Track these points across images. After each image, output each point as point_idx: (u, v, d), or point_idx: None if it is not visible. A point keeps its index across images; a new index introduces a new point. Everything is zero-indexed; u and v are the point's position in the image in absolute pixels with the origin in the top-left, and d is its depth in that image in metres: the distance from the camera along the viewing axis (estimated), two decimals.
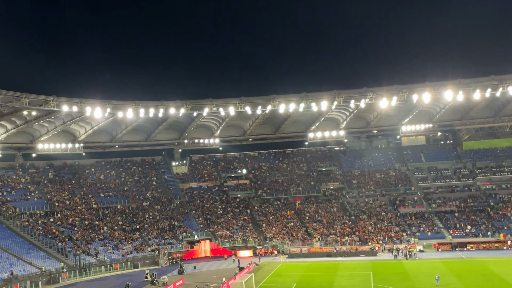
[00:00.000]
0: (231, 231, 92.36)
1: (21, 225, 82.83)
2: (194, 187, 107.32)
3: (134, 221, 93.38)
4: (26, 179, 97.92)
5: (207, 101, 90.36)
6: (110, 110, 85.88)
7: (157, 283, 64.55)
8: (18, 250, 75.46)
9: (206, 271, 73.48)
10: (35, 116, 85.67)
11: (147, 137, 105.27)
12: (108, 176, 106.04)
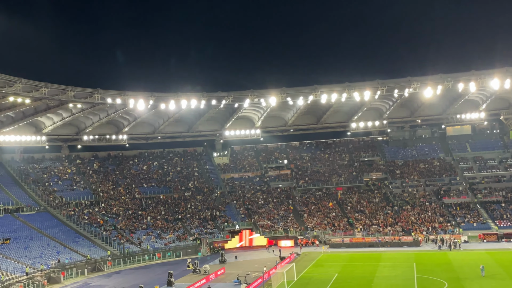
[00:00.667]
0: (272, 221, 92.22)
1: (67, 214, 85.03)
2: (235, 177, 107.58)
3: (176, 211, 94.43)
4: (72, 170, 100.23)
5: (249, 92, 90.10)
6: (153, 102, 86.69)
7: (199, 272, 64.97)
8: (64, 239, 77.42)
9: (247, 261, 73.56)
10: (81, 109, 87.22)
11: (189, 128, 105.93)
12: (151, 167, 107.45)
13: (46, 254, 70.85)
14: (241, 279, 56.78)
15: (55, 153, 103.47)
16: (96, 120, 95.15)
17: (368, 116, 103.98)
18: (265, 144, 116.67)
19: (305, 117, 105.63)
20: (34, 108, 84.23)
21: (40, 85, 74.20)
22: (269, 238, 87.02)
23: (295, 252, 75.68)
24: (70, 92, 78.50)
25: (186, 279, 61.90)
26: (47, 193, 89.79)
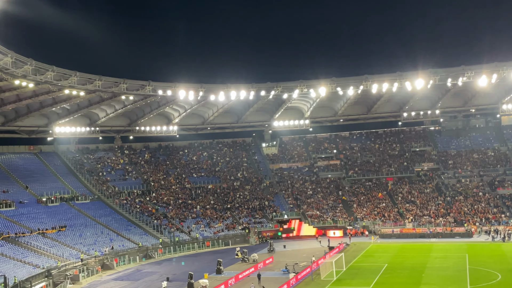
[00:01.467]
0: (321, 211, 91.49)
1: (120, 203, 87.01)
2: (284, 167, 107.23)
3: (225, 200, 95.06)
4: (125, 160, 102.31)
5: (298, 82, 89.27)
6: (203, 93, 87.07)
7: (247, 261, 65.18)
8: (117, 227, 79.26)
9: (295, 250, 73.34)
10: (133, 101, 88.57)
11: (238, 119, 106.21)
12: (200, 157, 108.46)
13: (100, 241, 72.72)
14: (290, 268, 56.63)
15: (108, 144, 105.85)
16: (148, 111, 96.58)
17: (420, 105, 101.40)
18: (314, 134, 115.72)
19: (355, 107, 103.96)
20: (88, 100, 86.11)
21: (94, 78, 75.66)
22: (318, 228, 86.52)
23: (344, 242, 74.93)
24: (122, 85, 79.71)
25: (235, 267, 62.24)
26: (101, 182, 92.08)
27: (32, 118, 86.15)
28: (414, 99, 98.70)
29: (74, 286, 57.23)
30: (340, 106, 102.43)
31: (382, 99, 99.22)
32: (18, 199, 77.23)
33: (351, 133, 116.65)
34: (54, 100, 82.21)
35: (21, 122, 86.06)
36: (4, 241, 63.33)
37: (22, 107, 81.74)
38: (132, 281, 58.56)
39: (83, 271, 61.57)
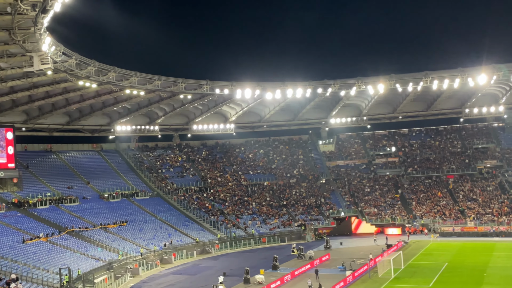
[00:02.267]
0: (379, 208, 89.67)
1: (178, 199, 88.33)
2: (341, 165, 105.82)
3: (281, 197, 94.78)
4: (183, 157, 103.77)
5: (355, 79, 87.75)
6: (259, 91, 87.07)
7: (303, 257, 64.65)
8: (175, 222, 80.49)
9: (352, 248, 72.21)
10: (191, 99, 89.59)
11: (295, 116, 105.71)
12: (256, 155, 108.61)
13: (159, 236, 74.03)
14: (346, 266, 55.68)
15: (167, 142, 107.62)
16: (205, 110, 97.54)
17: (482, 102, 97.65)
18: (372, 131, 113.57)
19: (415, 104, 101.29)
20: (148, 100, 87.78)
21: (154, 78, 76.99)
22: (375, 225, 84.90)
23: (402, 240, 73.05)
24: (181, 84, 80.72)
25: (290, 263, 61.87)
26: (160, 179, 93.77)
27: (95, 117, 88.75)
28: (476, 95, 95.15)
29: (134, 279, 58.42)
30: (399, 103, 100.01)
31: (442, 96, 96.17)
32: (82, 195, 79.76)
33: (410, 130, 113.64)
34: (116, 100, 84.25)
35: (85, 121, 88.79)
36: (69, 235, 65.43)
37: (86, 106, 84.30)
38: (190, 275, 59.27)
39: (142, 265, 62.80)
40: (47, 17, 43.70)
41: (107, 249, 65.24)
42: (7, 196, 71.54)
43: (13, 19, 42.92)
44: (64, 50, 57.64)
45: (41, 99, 74.26)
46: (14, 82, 63.57)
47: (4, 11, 41.36)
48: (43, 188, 78.09)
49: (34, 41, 49.56)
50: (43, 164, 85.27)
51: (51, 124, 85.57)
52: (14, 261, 51.61)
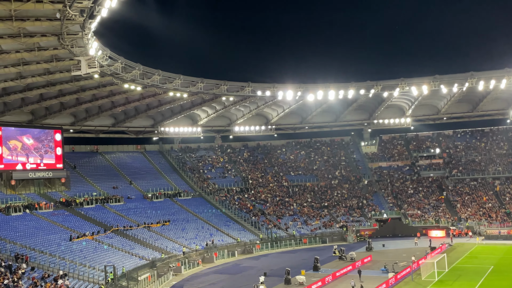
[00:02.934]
0: (423, 210, 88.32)
1: (219, 199, 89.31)
2: (383, 166, 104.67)
3: (322, 198, 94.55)
4: (224, 158, 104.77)
5: (399, 80, 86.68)
6: (301, 93, 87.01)
7: (345, 259, 64.38)
8: (217, 222, 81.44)
9: (394, 250, 71.45)
10: (232, 101, 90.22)
11: (336, 118, 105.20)
12: (298, 156, 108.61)
13: (201, 236, 75.07)
14: (389, 268, 55.26)
15: (209, 143, 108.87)
16: (247, 111, 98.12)
17: None
18: (415, 132, 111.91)
19: (459, 105, 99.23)
20: (191, 102, 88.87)
21: (197, 81, 77.92)
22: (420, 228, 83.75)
23: (446, 243, 71.85)
24: (223, 86, 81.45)
25: (332, 265, 61.76)
26: (202, 180, 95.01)
27: (139, 119, 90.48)
28: None
29: (176, 277, 59.43)
30: (443, 104, 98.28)
31: (488, 97, 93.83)
32: (126, 194, 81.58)
33: (455, 131, 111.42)
34: (160, 102, 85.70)
35: (130, 123, 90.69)
36: (114, 234, 67.06)
37: (131, 109, 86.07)
38: (231, 274, 59.87)
39: (185, 264, 63.82)
40: (94, 22, 44.99)
41: (151, 247, 66.62)
42: (55, 196, 73.87)
43: (62, 24, 44.28)
44: (110, 54, 59.05)
45: (88, 102, 76.25)
46: (62, 85, 65.60)
47: (54, 17, 42.81)
48: (89, 188, 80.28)
49: (82, 45, 51.02)
50: (89, 165, 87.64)
51: (98, 126, 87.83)
52: (61, 258, 53.19)
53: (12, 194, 68.81)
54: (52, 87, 65.21)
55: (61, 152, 77.20)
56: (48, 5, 40.23)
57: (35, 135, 74.07)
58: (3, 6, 38.87)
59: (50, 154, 75.51)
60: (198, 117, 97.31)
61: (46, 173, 74.73)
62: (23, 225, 61.01)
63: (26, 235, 58.01)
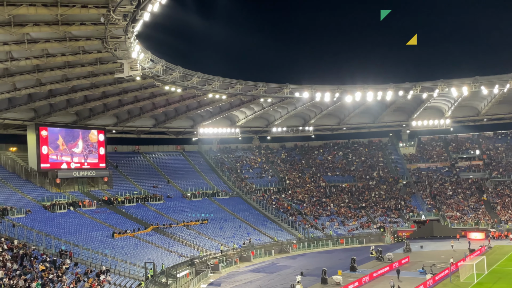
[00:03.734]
0: (462, 212, 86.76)
1: (257, 199, 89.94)
2: (422, 167, 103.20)
3: (360, 199, 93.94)
4: (262, 159, 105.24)
5: (438, 82, 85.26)
6: (339, 94, 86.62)
7: (382, 259, 63.98)
8: (254, 221, 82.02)
9: (432, 251, 70.45)
10: (271, 103, 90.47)
11: (374, 119, 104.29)
12: (335, 157, 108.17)
13: (238, 235, 75.74)
14: (426, 269, 54.72)
15: (247, 144, 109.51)
16: (285, 113, 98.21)
17: None
18: (454, 134, 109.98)
19: (501, 106, 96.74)
20: (229, 103, 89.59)
21: (235, 83, 78.46)
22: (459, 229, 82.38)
23: (486, 245, 70.43)
24: (261, 88, 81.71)
25: (369, 265, 61.46)
26: (239, 180, 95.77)
27: (179, 120, 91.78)
28: None
29: (214, 275, 60.16)
30: (484, 105, 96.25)
31: None
32: (166, 193, 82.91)
33: (496, 133, 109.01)
34: (199, 104, 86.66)
35: (170, 124, 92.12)
36: (154, 231, 68.38)
37: (171, 110, 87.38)
38: (268, 273, 60.21)
39: (222, 262, 64.54)
40: (136, 26, 45.91)
41: (189, 245, 67.65)
42: (98, 194, 75.72)
43: (105, 28, 45.42)
44: (151, 56, 60.09)
45: (130, 103, 77.82)
46: (105, 87, 67.20)
47: (98, 21, 43.98)
48: (130, 186, 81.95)
49: (125, 49, 52.16)
50: (131, 164, 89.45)
51: (139, 126, 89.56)
52: (103, 254, 54.46)
53: (57, 192, 70.85)
54: (96, 89, 66.89)
55: (104, 152, 79.15)
56: (93, 10, 41.41)
57: (80, 135, 76.15)
58: (50, 11, 40.21)
59: (93, 154, 77.52)
60: (237, 118, 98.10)
61: (90, 172, 76.71)
62: (67, 222, 62.82)
63: (70, 231, 59.74)
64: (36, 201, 65.83)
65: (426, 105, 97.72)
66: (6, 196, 62.71)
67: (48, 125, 72.25)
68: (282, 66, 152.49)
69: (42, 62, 52.43)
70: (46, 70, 55.94)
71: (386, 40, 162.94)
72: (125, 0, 39.68)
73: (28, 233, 53.26)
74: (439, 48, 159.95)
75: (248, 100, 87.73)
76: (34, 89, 61.09)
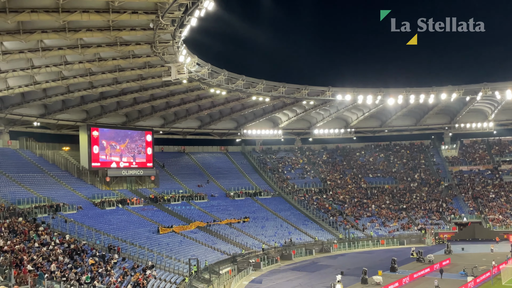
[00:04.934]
0: (504, 215, 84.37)
1: (298, 199, 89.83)
2: (464, 170, 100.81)
3: (401, 200, 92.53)
4: (304, 160, 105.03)
5: (482, 85, 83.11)
6: (381, 97, 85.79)
7: (423, 261, 62.99)
8: (295, 221, 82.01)
9: (474, 253, 68.77)
10: (313, 105, 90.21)
11: (416, 122, 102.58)
12: (377, 159, 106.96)
13: (279, 234, 75.89)
14: (468, 271, 53.51)
15: (289, 145, 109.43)
16: (327, 115, 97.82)
17: None
18: (498, 137, 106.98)
19: None
20: (272, 106, 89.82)
21: (278, 85, 78.67)
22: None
23: None
24: (304, 91, 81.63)
25: (409, 266, 60.57)
26: (281, 180, 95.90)
27: (223, 121, 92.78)
28: None
29: (255, 272, 60.49)
30: None
31: None
32: (210, 192, 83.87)
33: None
34: (243, 106, 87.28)
35: (214, 125, 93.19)
36: (198, 229, 69.26)
37: (216, 112, 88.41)
38: (308, 272, 60.13)
39: (264, 260, 64.80)
40: (184, 31, 46.80)
41: (232, 243, 68.28)
42: (145, 192, 77.26)
43: (154, 33, 46.47)
44: (198, 60, 60.87)
45: (177, 106, 79.15)
46: (153, 90, 68.65)
47: (147, 26, 45.09)
48: (176, 185, 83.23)
49: (172, 53, 53.15)
50: (177, 164, 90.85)
51: (185, 128, 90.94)
52: (150, 250, 55.42)
53: (106, 190, 72.66)
54: (144, 92, 68.39)
55: (151, 152, 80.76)
56: (142, 15, 42.48)
57: (129, 136, 77.98)
58: (102, 17, 41.46)
59: (141, 153, 79.21)
60: (279, 120, 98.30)
61: (138, 171, 78.40)
62: (116, 218, 64.22)
63: (118, 228, 61.04)
64: (87, 198, 67.66)
65: (469, 108, 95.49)
66: (59, 193, 64.62)
67: (99, 126, 74.30)
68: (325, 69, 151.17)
69: (94, 65, 54.04)
70: (98, 73, 57.59)
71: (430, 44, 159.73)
72: (173, 6, 40.53)
73: (79, 229, 54.74)
74: (483, 51, 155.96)
75: (291, 103, 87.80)
76: (86, 91, 62.98)
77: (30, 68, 51.75)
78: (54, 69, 52.87)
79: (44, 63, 51.85)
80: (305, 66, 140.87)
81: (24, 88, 57.23)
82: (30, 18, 39.35)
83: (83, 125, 73.68)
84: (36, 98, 63.05)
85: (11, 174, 62.05)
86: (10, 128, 70.95)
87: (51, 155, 73.87)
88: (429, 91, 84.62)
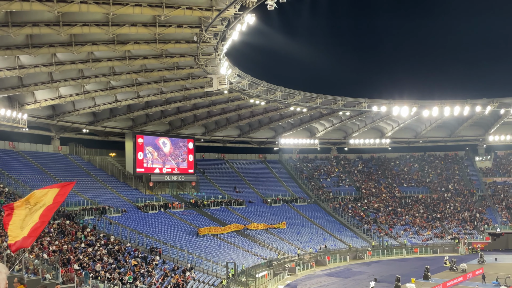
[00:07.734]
0: None
1: (333, 207, 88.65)
2: (498, 181, 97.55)
3: (435, 210, 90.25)
4: (339, 169, 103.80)
5: None
6: (416, 109, 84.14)
7: (455, 270, 61.25)
8: (330, 228, 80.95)
9: (507, 264, 66.28)
10: (349, 116, 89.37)
11: (451, 133, 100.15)
12: (411, 168, 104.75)
13: (314, 240, 75.02)
14: (501, 281, 51.69)
15: (325, 154, 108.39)
16: (362, 125, 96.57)
17: None
18: None
19: None
20: (309, 116, 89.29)
21: (315, 96, 78.26)
22: None
23: None
24: (340, 102, 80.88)
25: (442, 275, 58.93)
26: (317, 188, 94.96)
27: (262, 130, 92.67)
28: None
29: (291, 277, 59.92)
30: None
31: None
32: (248, 198, 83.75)
33: None
34: (281, 116, 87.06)
35: (253, 134, 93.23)
36: (235, 233, 69.14)
37: (255, 121, 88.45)
38: (342, 278, 59.17)
39: (299, 265, 64.15)
40: (226, 44, 47.08)
41: (268, 248, 67.87)
42: (186, 197, 77.75)
43: (198, 46, 46.90)
44: (238, 72, 61.21)
45: (218, 115, 79.58)
46: (196, 100, 69.26)
47: (191, 40, 45.57)
48: (215, 191, 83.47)
49: (214, 65, 53.56)
50: (216, 171, 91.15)
51: (225, 136, 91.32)
52: (189, 253, 55.68)
53: (150, 195, 73.49)
54: (187, 101, 69.04)
55: (193, 158, 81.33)
56: (187, 29, 42.93)
57: (171, 143, 78.78)
58: (149, 31, 42.11)
59: (183, 160, 79.86)
60: (316, 130, 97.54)
61: (179, 177, 79.02)
62: (158, 222, 64.72)
63: (160, 231, 61.51)
64: (131, 202, 68.54)
65: (504, 121, 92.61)
66: (105, 197, 65.67)
67: (144, 134, 75.35)
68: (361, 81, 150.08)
69: (140, 76, 54.90)
70: (144, 83, 58.50)
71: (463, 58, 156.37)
72: (216, 21, 40.77)
73: (123, 231, 55.45)
74: None
75: (328, 113, 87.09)
76: (132, 100, 64.05)
77: (80, 78, 53.00)
78: (103, 79, 53.95)
79: (94, 74, 52.99)
80: (342, 78, 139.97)
81: (74, 97, 58.61)
82: (82, 31, 40.29)
83: (129, 133, 74.83)
84: (85, 107, 64.42)
85: (61, 178, 63.45)
86: (60, 134, 72.62)
87: (98, 160, 75.29)
88: (464, 103, 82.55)
